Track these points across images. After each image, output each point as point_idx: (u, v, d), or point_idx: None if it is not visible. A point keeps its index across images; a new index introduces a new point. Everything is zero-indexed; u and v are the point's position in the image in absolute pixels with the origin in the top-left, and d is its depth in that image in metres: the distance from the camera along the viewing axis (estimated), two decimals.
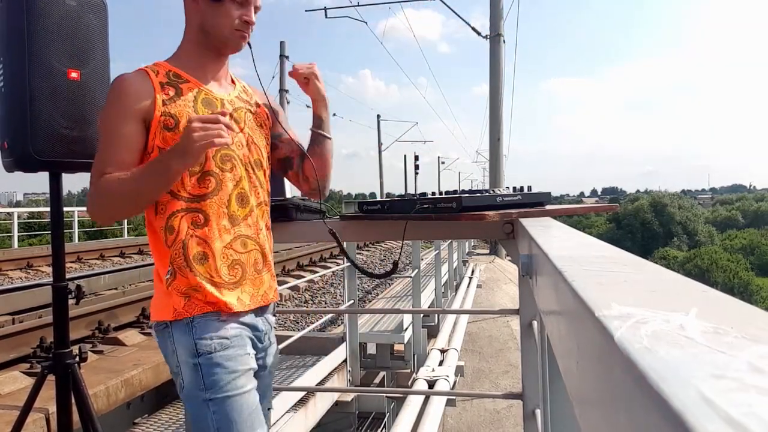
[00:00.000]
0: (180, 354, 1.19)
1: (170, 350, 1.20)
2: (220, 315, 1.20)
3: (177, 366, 1.19)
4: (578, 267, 0.51)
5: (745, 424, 0.18)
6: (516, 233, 1.42)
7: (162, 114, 1.20)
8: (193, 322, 1.18)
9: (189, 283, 1.20)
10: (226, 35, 1.26)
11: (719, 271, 34.41)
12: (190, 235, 1.21)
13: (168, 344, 1.21)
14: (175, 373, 1.21)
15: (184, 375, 1.18)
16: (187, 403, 1.20)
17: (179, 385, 1.20)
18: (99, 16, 1.75)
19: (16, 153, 1.62)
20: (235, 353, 1.19)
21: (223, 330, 1.19)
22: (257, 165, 1.32)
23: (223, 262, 1.23)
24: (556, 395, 1.08)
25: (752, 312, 0.31)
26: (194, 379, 1.17)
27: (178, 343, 1.19)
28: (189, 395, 1.18)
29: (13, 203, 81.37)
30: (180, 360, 1.19)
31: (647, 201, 52.44)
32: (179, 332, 1.19)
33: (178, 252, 1.20)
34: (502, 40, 13.88)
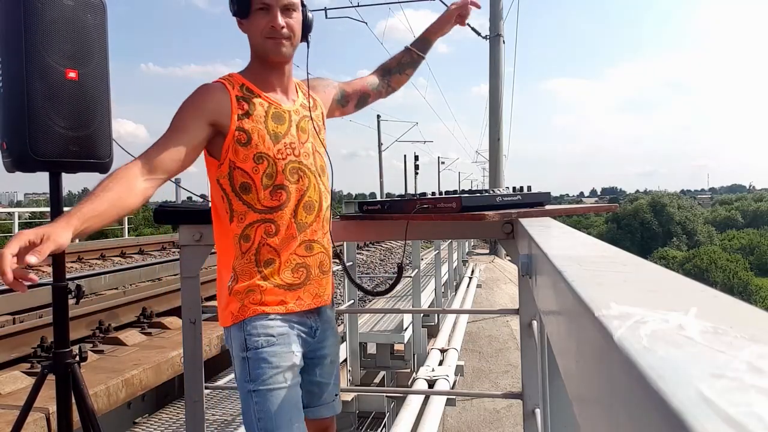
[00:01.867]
0: (234, 348, 1.30)
1: (229, 344, 1.34)
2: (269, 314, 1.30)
3: (232, 358, 1.32)
4: (578, 267, 0.51)
5: (745, 423, 0.18)
6: (516, 233, 1.42)
7: (237, 129, 1.28)
8: (245, 321, 1.29)
9: (249, 285, 1.29)
10: (260, 45, 1.32)
11: (718, 271, 34.41)
12: (262, 243, 1.30)
13: (228, 339, 1.34)
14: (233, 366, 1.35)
15: (235, 367, 1.31)
16: (240, 393, 1.30)
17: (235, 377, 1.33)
18: (97, 16, 1.75)
19: (14, 153, 1.63)
20: (280, 350, 1.28)
21: (270, 328, 1.29)
22: (321, 171, 1.40)
23: (287, 266, 1.32)
24: (555, 395, 1.08)
25: (751, 312, 0.31)
26: (242, 371, 1.28)
27: (234, 337, 1.30)
28: (239, 386, 1.30)
29: (14, 203, 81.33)
30: (233, 353, 1.31)
31: (647, 201, 52.43)
32: (235, 328, 1.30)
33: (250, 258, 1.30)
34: (502, 41, 13.88)
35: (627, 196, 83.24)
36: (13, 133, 1.61)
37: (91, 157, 1.75)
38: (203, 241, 1.66)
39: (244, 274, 1.30)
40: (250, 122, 1.29)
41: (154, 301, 5.20)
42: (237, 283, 1.30)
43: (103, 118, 1.76)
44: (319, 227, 1.37)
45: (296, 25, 1.33)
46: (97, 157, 1.76)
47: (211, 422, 2.81)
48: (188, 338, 1.68)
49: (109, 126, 1.79)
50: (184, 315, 1.68)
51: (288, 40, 1.32)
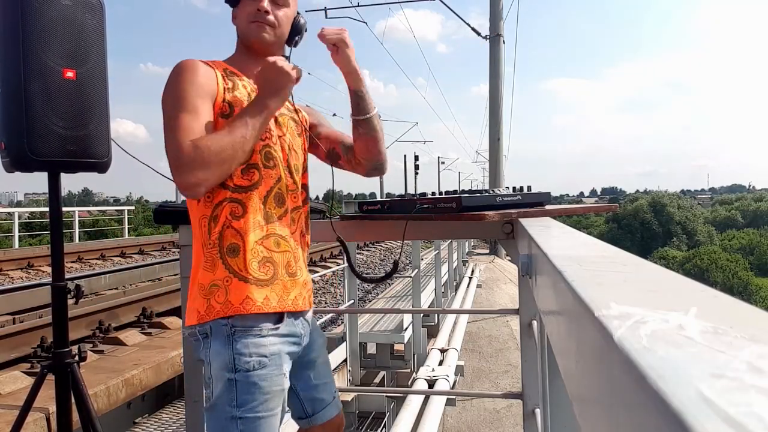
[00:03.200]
0: (214, 366, 1.15)
1: (205, 359, 1.18)
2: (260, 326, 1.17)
3: (209, 378, 1.17)
4: (578, 267, 0.51)
5: (745, 423, 0.18)
6: (516, 233, 1.42)
7: (222, 101, 1.22)
8: (234, 335, 1.15)
9: (214, 277, 1.17)
10: (245, 30, 1.30)
11: (718, 271, 34.43)
12: (227, 225, 1.19)
13: (204, 352, 1.18)
14: (204, 382, 1.20)
15: (214, 387, 1.15)
16: (212, 413, 1.16)
17: (207, 396, 1.18)
18: (95, 16, 1.74)
19: (12, 153, 1.63)
20: (271, 373, 1.17)
21: (262, 347, 1.16)
22: (296, 170, 1.33)
23: (254, 257, 1.20)
24: (555, 395, 1.08)
25: (751, 312, 0.31)
26: (226, 395, 1.14)
27: (215, 354, 1.15)
28: (216, 408, 1.15)
29: (13, 203, 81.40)
30: (213, 373, 1.16)
31: (647, 201, 52.45)
32: (219, 343, 1.15)
33: (215, 243, 1.19)
34: (502, 41, 13.88)
35: (627, 196, 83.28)
36: (11, 133, 1.61)
37: (90, 157, 1.75)
38: None
39: (207, 261, 1.18)
40: (234, 97, 1.24)
41: (154, 301, 5.20)
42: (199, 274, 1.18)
43: (101, 118, 1.76)
44: (287, 225, 1.27)
45: (284, 19, 1.30)
46: (96, 156, 1.76)
47: None
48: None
49: (107, 126, 1.79)
50: (183, 315, 1.68)
51: (272, 28, 1.28)
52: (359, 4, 14.03)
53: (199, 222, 1.21)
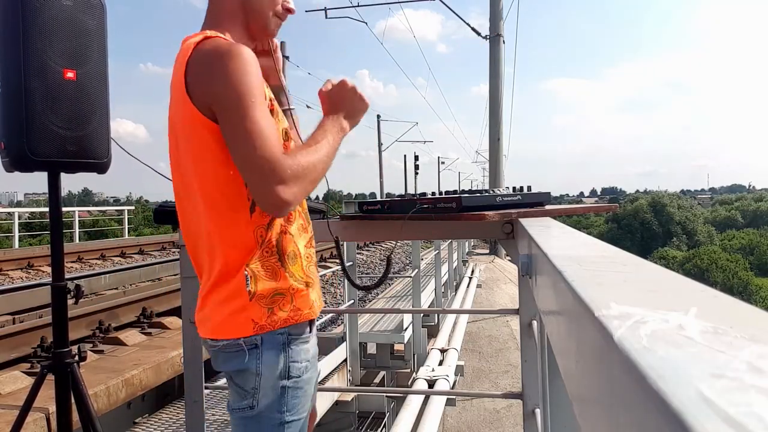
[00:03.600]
0: (266, 376, 1.09)
1: (251, 370, 1.08)
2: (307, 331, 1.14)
3: (254, 388, 1.09)
4: (578, 267, 0.51)
5: (745, 423, 0.18)
6: (516, 233, 1.42)
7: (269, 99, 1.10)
8: (290, 343, 1.10)
9: (278, 287, 1.09)
10: (264, 24, 1.17)
11: (718, 271, 34.43)
12: (283, 231, 1.10)
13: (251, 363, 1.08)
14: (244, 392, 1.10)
15: (262, 396, 1.09)
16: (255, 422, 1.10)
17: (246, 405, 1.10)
18: (96, 16, 1.75)
19: (12, 153, 1.63)
20: (312, 376, 1.17)
21: (308, 352, 1.15)
22: None
23: (308, 262, 1.16)
24: (555, 395, 1.08)
25: (751, 312, 0.31)
26: (276, 402, 1.09)
27: (267, 363, 1.09)
28: (262, 416, 1.10)
29: (14, 203, 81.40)
30: (263, 383, 1.09)
31: (647, 201, 52.46)
32: (272, 353, 1.09)
33: (271, 251, 1.09)
34: (502, 41, 13.88)
35: (627, 196, 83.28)
36: (11, 133, 1.61)
37: (90, 157, 1.75)
38: None
39: (267, 271, 1.07)
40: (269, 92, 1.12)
41: (154, 301, 5.20)
42: (258, 285, 1.07)
43: (101, 118, 1.76)
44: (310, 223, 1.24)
45: None
46: (96, 156, 1.76)
47: (211, 422, 2.81)
48: (188, 338, 1.68)
49: (107, 126, 1.79)
50: (184, 315, 1.68)
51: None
52: (359, 4, 14.04)
53: (255, 233, 1.08)
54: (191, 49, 1.04)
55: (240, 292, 1.07)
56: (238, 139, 0.99)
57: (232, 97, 0.99)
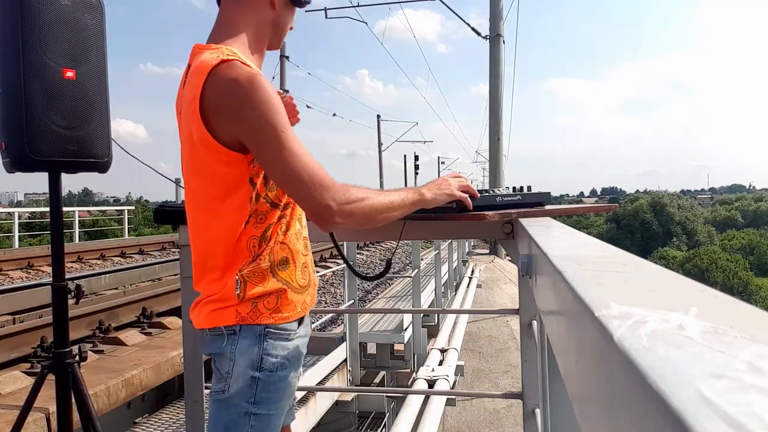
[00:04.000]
0: (239, 362, 1.14)
1: (227, 354, 1.15)
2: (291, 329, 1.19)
3: (228, 372, 1.15)
4: (578, 267, 0.51)
5: (745, 423, 0.18)
6: (516, 233, 1.42)
7: None
8: (266, 336, 1.15)
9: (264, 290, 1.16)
10: (280, 39, 1.28)
11: (718, 271, 34.43)
12: (276, 242, 1.18)
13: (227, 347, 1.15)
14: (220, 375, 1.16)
15: (233, 381, 1.15)
16: (224, 407, 1.16)
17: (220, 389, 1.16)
18: (95, 16, 1.75)
19: (13, 153, 1.63)
20: (290, 374, 1.19)
21: (287, 350, 1.18)
22: None
23: (297, 267, 1.21)
24: (555, 395, 1.08)
25: (751, 312, 0.31)
26: (246, 391, 1.14)
27: (242, 351, 1.14)
28: (230, 402, 1.15)
29: (14, 203, 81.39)
30: (236, 368, 1.15)
31: (647, 201, 52.45)
32: (247, 342, 1.15)
33: (264, 258, 1.16)
34: (502, 41, 13.88)
35: (627, 196, 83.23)
36: (12, 133, 1.61)
37: (90, 157, 1.75)
38: None
39: (255, 277, 1.16)
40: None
41: (154, 301, 5.20)
42: (247, 290, 1.15)
43: (101, 118, 1.76)
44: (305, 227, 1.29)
45: None
46: (96, 156, 1.76)
47: None
48: (188, 338, 1.68)
49: (107, 125, 1.79)
50: (184, 315, 1.68)
51: None
52: (359, 4, 14.04)
53: (248, 243, 1.16)
54: (207, 72, 1.06)
55: (230, 294, 1.15)
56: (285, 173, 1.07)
57: (269, 132, 1.05)
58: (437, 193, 1.27)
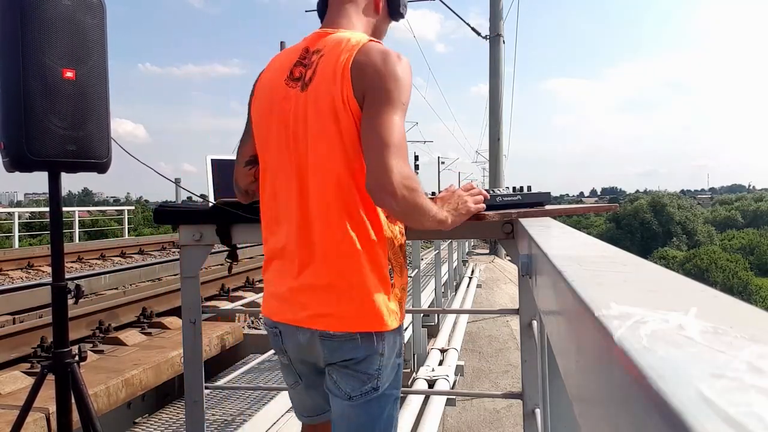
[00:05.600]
0: (387, 355, 1.16)
1: (376, 352, 1.14)
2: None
3: (377, 369, 1.15)
4: (578, 267, 0.51)
5: (745, 423, 0.18)
6: (516, 233, 1.42)
7: None
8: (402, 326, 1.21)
9: (402, 282, 1.21)
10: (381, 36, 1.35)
11: (718, 271, 34.41)
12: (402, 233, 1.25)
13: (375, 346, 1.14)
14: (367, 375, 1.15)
15: (383, 375, 1.17)
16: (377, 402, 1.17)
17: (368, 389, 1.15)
18: (96, 16, 1.74)
19: (12, 153, 1.63)
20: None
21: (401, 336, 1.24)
22: None
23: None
24: (555, 395, 1.08)
25: (751, 312, 0.31)
26: (394, 378, 1.20)
27: (390, 344, 1.16)
28: (385, 394, 1.18)
29: (14, 203, 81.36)
30: (383, 362, 1.16)
31: (647, 201, 52.41)
32: (392, 334, 1.17)
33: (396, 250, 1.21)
34: (502, 40, 13.88)
35: (627, 196, 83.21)
36: (11, 133, 1.61)
37: (90, 157, 1.74)
38: (203, 241, 1.65)
39: (399, 269, 1.20)
40: None
41: (154, 301, 5.20)
42: (395, 280, 1.19)
43: (101, 118, 1.76)
44: None
45: None
46: (96, 156, 1.76)
47: (210, 422, 2.81)
48: (188, 338, 1.68)
49: (107, 125, 1.79)
50: (184, 315, 1.68)
51: None
52: None
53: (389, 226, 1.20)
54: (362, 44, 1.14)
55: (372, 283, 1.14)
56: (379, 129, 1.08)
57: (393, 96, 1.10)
58: (456, 216, 1.25)
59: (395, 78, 1.10)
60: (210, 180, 1.74)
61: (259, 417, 2.85)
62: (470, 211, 1.27)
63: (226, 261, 1.71)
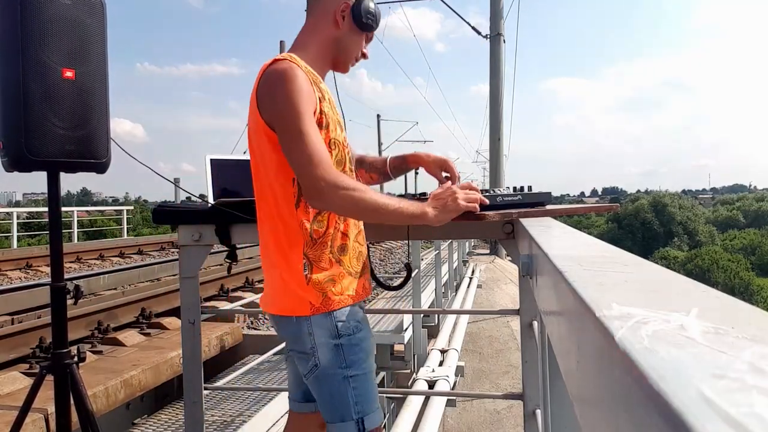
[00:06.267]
0: (317, 335, 1.26)
1: (304, 332, 1.26)
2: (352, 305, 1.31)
3: (311, 347, 1.26)
4: (579, 267, 0.51)
5: (746, 424, 0.18)
6: (516, 233, 1.41)
7: (319, 112, 1.27)
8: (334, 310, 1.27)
9: (331, 275, 1.28)
10: (347, 60, 1.39)
11: (720, 271, 34.41)
12: (336, 229, 1.31)
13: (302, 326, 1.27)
14: (306, 354, 1.27)
15: (320, 355, 1.26)
16: (323, 380, 1.27)
17: (311, 366, 1.27)
18: (96, 16, 1.74)
19: (11, 153, 1.63)
20: (366, 335, 1.32)
21: (356, 314, 1.31)
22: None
23: (353, 255, 1.35)
24: (556, 395, 1.08)
25: (753, 312, 0.31)
26: (335, 358, 1.26)
27: (317, 325, 1.26)
28: (326, 373, 1.26)
29: (12, 203, 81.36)
30: (317, 341, 1.26)
31: (648, 201, 52.39)
32: (319, 317, 1.27)
33: (325, 244, 1.28)
34: (503, 40, 13.89)
35: (628, 195, 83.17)
36: (10, 133, 1.61)
37: (89, 157, 1.74)
38: (202, 241, 1.65)
39: (320, 262, 1.28)
40: (327, 106, 1.30)
41: (153, 301, 5.20)
42: (313, 272, 1.27)
43: (100, 118, 1.76)
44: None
45: None
46: (95, 156, 1.76)
47: (210, 423, 2.81)
48: (187, 339, 1.67)
49: (106, 126, 1.79)
50: (183, 315, 1.68)
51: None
52: None
53: (295, 225, 1.28)
54: (264, 69, 1.25)
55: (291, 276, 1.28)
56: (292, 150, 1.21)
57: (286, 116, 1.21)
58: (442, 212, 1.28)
59: (282, 101, 1.21)
60: (209, 180, 1.74)
61: (259, 418, 2.84)
62: (459, 207, 1.28)
63: (226, 261, 1.71)
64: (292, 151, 1.20)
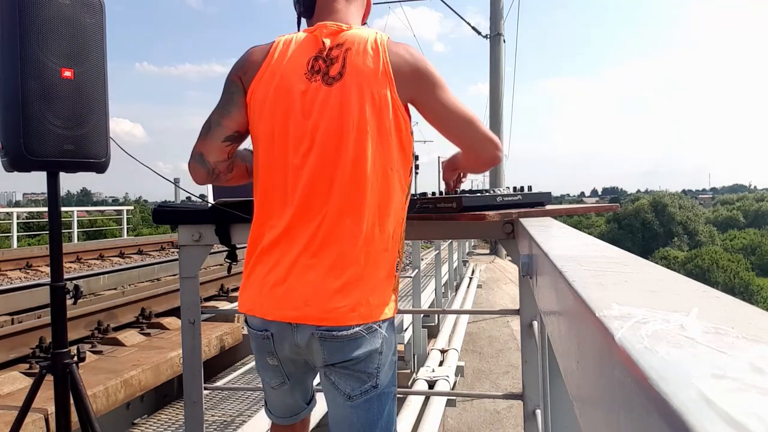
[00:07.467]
0: (385, 353, 1.14)
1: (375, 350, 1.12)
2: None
3: (377, 367, 1.13)
4: (579, 267, 0.51)
5: (746, 424, 0.18)
6: (516, 233, 1.41)
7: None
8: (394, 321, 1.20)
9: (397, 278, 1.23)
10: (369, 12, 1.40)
11: (720, 272, 34.39)
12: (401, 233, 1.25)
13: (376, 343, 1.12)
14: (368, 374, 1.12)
15: (382, 373, 1.14)
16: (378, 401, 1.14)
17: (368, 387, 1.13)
18: (95, 15, 1.74)
19: (10, 153, 1.62)
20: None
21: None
22: None
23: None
24: (556, 395, 1.08)
25: (753, 312, 0.31)
26: (392, 376, 1.17)
27: (387, 342, 1.15)
28: (383, 392, 1.15)
29: (12, 203, 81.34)
30: (382, 360, 1.13)
31: (648, 201, 52.35)
32: (390, 330, 1.16)
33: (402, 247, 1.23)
34: (503, 40, 13.89)
35: (628, 195, 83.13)
36: (9, 133, 1.61)
37: (88, 157, 1.74)
38: (202, 241, 1.65)
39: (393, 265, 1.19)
40: None
41: (153, 301, 5.20)
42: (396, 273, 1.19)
43: (99, 118, 1.76)
44: None
45: None
46: (94, 156, 1.76)
47: (210, 423, 2.81)
48: (187, 339, 1.67)
49: (106, 125, 1.79)
50: (183, 315, 1.68)
51: None
52: None
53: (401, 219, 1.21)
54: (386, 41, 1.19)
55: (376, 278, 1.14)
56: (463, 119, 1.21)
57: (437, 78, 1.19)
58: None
59: (425, 64, 1.19)
60: None
61: (258, 418, 2.84)
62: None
63: (226, 261, 1.71)
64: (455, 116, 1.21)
